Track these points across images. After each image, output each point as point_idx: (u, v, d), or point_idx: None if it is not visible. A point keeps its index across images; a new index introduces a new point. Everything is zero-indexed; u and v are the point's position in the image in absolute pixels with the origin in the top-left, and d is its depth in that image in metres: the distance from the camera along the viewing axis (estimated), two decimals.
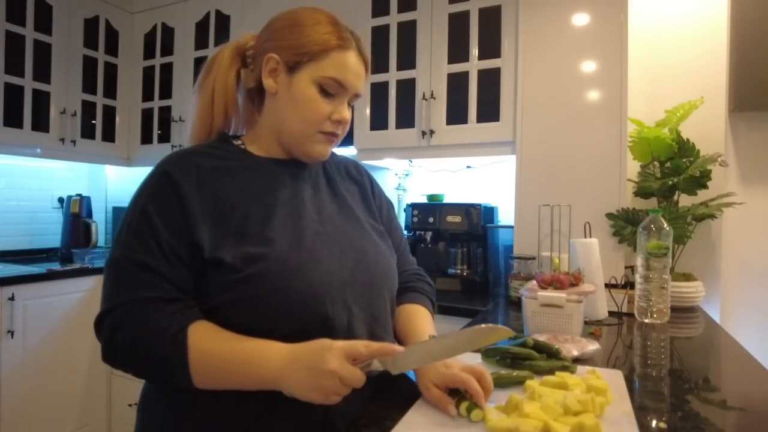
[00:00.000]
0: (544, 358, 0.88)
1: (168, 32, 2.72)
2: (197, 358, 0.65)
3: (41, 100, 2.42)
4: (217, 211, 0.72)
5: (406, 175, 2.42)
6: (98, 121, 2.70)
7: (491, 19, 1.88)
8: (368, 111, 2.10)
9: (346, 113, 0.80)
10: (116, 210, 3.00)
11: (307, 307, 0.70)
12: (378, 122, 2.09)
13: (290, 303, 0.70)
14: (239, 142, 0.84)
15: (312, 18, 0.79)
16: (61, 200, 2.77)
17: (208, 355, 0.66)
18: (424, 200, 2.19)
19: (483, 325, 0.68)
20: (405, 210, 2.16)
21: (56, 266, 2.29)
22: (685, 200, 1.64)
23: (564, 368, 0.84)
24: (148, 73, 2.80)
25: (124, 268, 0.69)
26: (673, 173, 1.61)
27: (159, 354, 0.65)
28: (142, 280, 0.68)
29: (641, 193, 1.69)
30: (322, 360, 0.62)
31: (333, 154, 0.91)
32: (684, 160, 1.62)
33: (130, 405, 2.26)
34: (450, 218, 2.00)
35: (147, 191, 0.73)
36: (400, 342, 0.87)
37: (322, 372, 0.62)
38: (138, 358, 0.66)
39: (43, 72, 2.41)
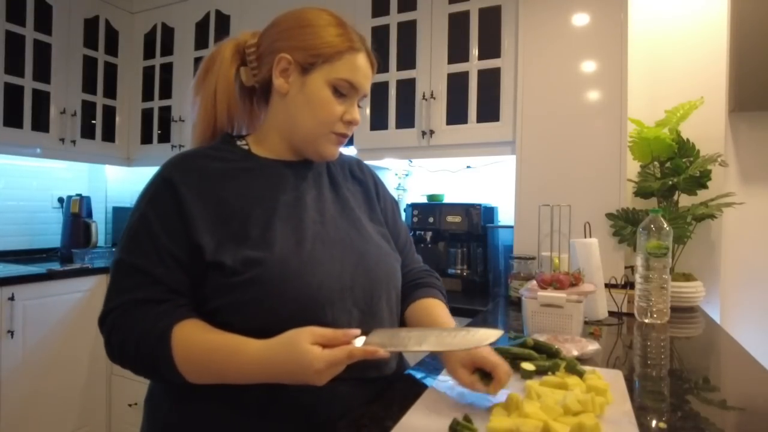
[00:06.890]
0: (544, 358, 0.88)
1: (168, 32, 2.72)
2: (181, 353, 0.66)
3: (41, 100, 2.42)
4: (219, 214, 0.73)
5: (406, 175, 2.42)
6: (98, 121, 2.70)
7: (491, 19, 1.88)
8: (368, 111, 2.10)
9: (357, 114, 0.82)
10: (116, 210, 3.00)
11: (306, 310, 0.70)
12: (378, 122, 2.09)
13: (289, 306, 0.70)
14: (243, 142, 0.84)
15: (322, 19, 0.79)
16: (61, 200, 2.77)
17: (190, 350, 0.66)
18: (424, 200, 2.19)
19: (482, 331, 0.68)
20: (405, 210, 2.16)
21: (56, 266, 2.28)
22: (685, 200, 1.64)
23: (572, 369, 0.82)
24: (148, 73, 2.80)
25: (121, 270, 0.72)
26: (673, 173, 1.61)
27: (146, 352, 0.67)
28: (136, 282, 0.70)
29: (641, 193, 1.69)
30: (303, 363, 0.61)
31: (339, 153, 0.91)
32: (684, 160, 1.62)
33: (130, 405, 2.26)
34: (450, 218, 2.00)
35: (147, 197, 0.74)
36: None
37: (309, 376, 0.61)
38: (131, 357, 0.69)
39: (43, 72, 2.41)
